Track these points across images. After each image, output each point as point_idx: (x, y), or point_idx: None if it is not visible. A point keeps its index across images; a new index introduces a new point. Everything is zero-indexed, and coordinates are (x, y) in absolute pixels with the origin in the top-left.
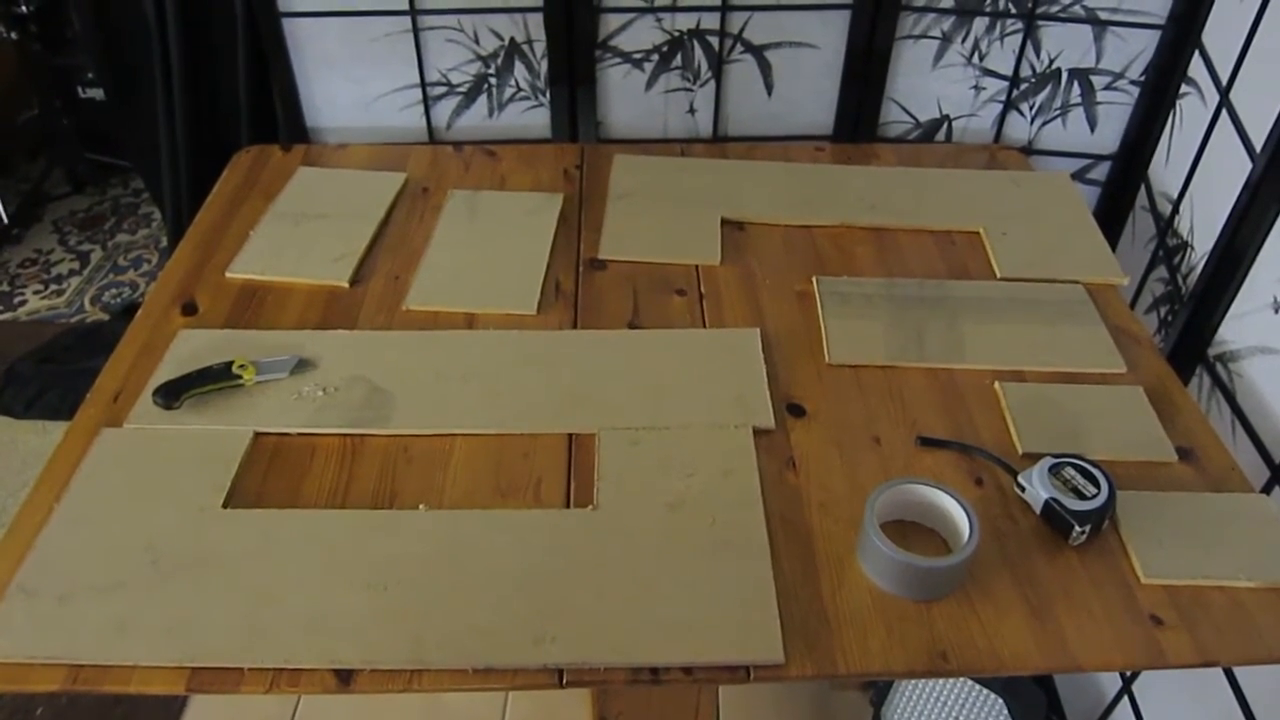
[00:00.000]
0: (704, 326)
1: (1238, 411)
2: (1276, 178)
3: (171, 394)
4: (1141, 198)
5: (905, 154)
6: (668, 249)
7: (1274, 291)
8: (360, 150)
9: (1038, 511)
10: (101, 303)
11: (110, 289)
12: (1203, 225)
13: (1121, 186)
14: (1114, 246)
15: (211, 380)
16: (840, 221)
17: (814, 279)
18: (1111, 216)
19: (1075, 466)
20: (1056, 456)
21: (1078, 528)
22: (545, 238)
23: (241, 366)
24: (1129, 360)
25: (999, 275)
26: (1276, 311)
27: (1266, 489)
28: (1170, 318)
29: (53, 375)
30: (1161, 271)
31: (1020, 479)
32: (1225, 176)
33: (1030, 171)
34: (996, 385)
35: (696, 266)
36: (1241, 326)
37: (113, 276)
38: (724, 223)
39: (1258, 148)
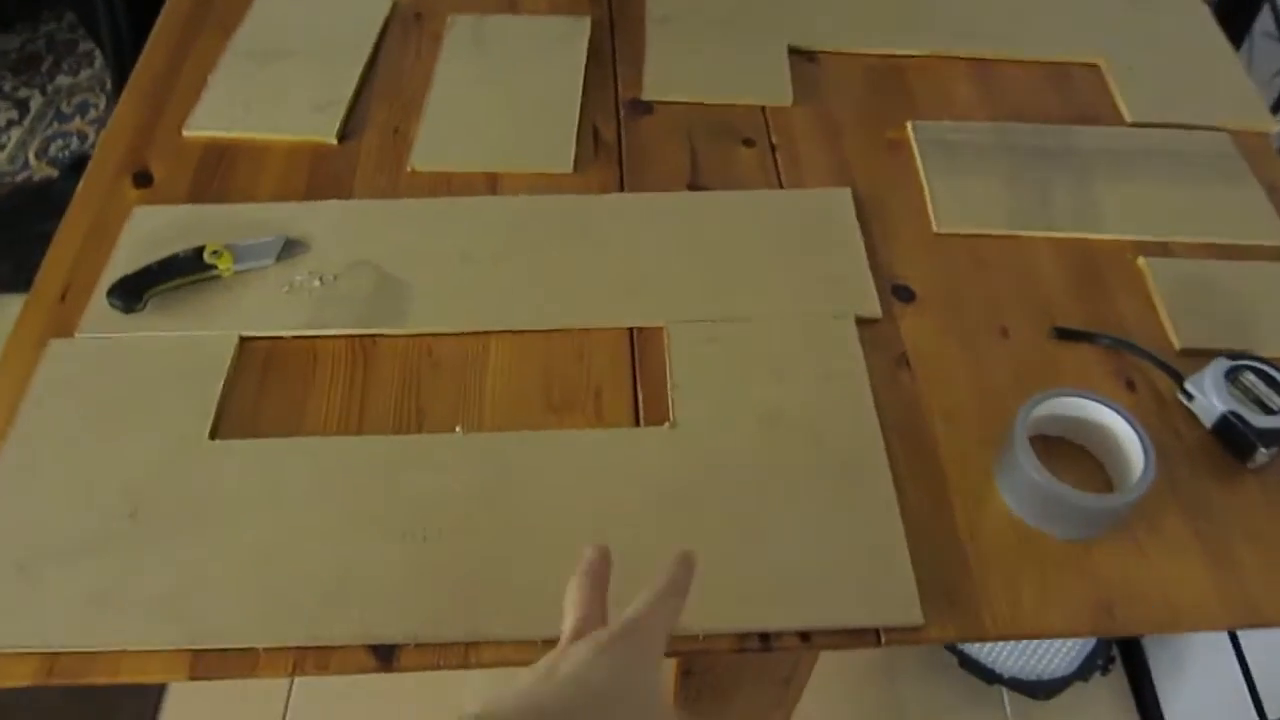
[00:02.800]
0: (780, 186)
1: None
2: None
3: (131, 293)
4: (1265, 21)
5: None
6: (727, 86)
7: None
8: None
9: (1209, 426)
10: (47, 157)
11: (56, 140)
12: None
13: (1236, 3)
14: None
15: (179, 272)
16: (931, 50)
17: (908, 124)
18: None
19: (1256, 371)
20: (1233, 357)
21: (1263, 449)
22: (574, 74)
23: (215, 253)
24: None
25: (1128, 120)
26: None
27: None
28: None
29: (2, 244)
30: None
31: (1188, 385)
32: None
33: None
34: (1141, 261)
35: (764, 108)
36: None
37: (57, 126)
38: (791, 52)
39: None
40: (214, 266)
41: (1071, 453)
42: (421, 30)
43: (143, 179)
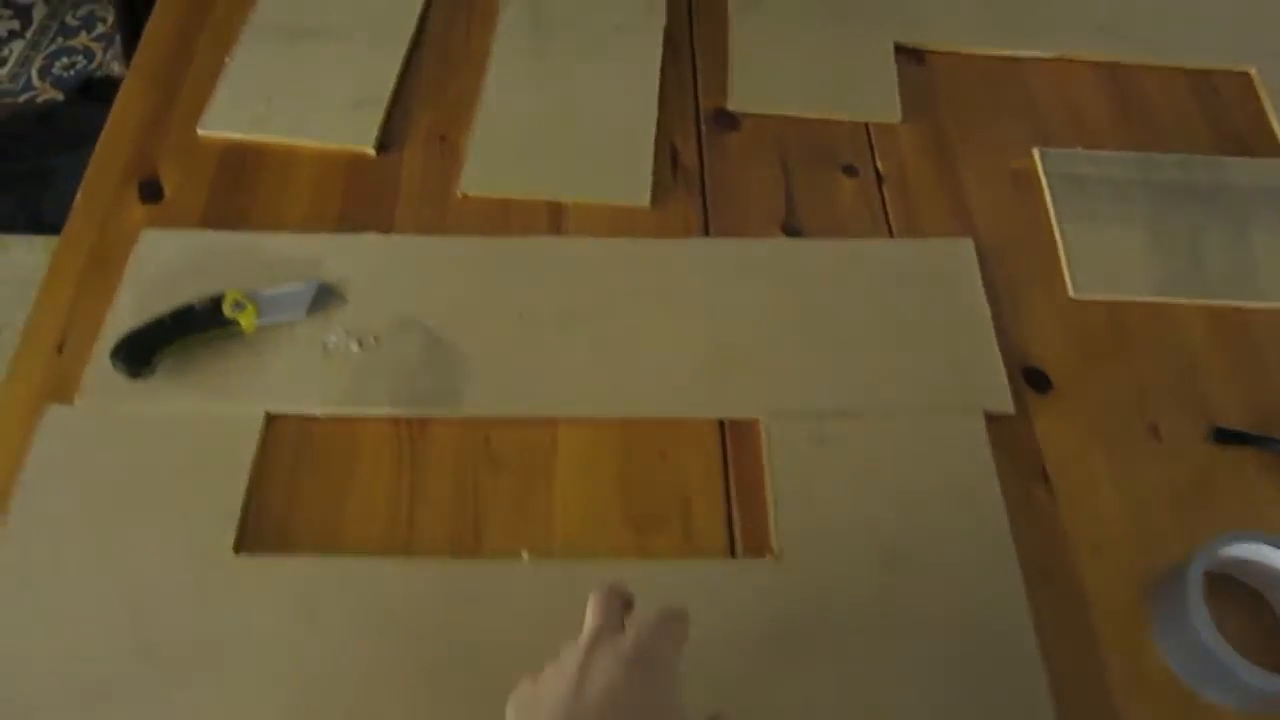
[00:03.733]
0: (888, 229)
1: None
2: None
3: (139, 355)
4: None
5: None
6: (826, 96)
7: None
8: None
9: None
10: (52, 76)
11: (61, 57)
12: None
13: None
14: None
15: (195, 328)
16: (1059, 52)
17: (1035, 151)
18: None
19: None
20: None
21: None
22: (649, 74)
23: (237, 305)
24: None
25: None
26: None
27: None
28: None
29: (4, 176)
30: None
31: None
32: None
33: None
34: None
35: (867, 126)
36: None
37: (62, 41)
38: (898, 50)
39: None
40: (235, 322)
41: (1241, 594)
42: (472, 6)
43: (151, 191)
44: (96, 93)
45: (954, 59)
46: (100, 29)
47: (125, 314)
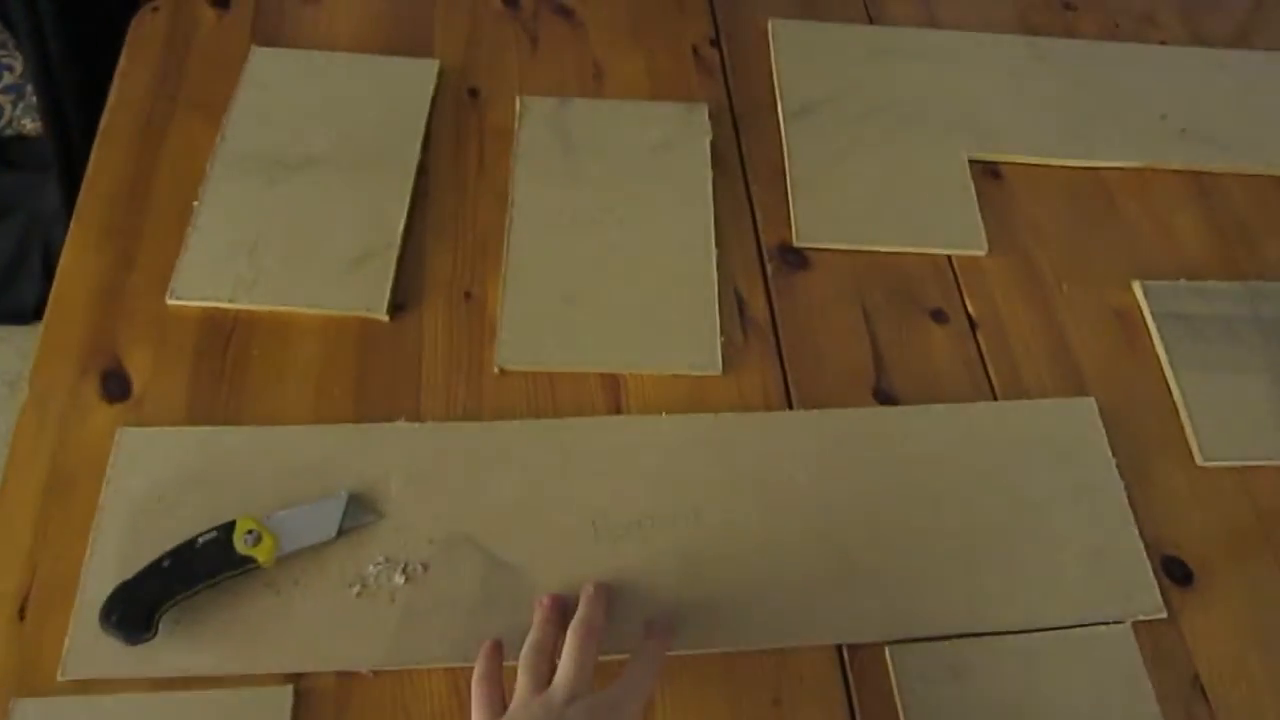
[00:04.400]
0: (991, 388)
1: None
2: None
3: (136, 615)
4: None
5: (1189, 23)
6: (901, 224)
7: None
8: (346, 6)
9: None
10: None
11: None
12: None
13: None
14: None
15: (203, 572)
16: (1142, 161)
17: (1135, 285)
18: None
19: None
20: None
21: None
22: (701, 200)
23: (251, 536)
24: None
25: None
26: None
27: None
28: None
29: None
30: None
31: None
32: None
33: None
34: None
35: (950, 259)
36: None
37: None
38: (972, 165)
39: None
40: (252, 559)
41: None
42: (482, 120)
43: (116, 386)
44: (6, 155)
45: (1032, 173)
46: (7, 78)
47: (109, 554)
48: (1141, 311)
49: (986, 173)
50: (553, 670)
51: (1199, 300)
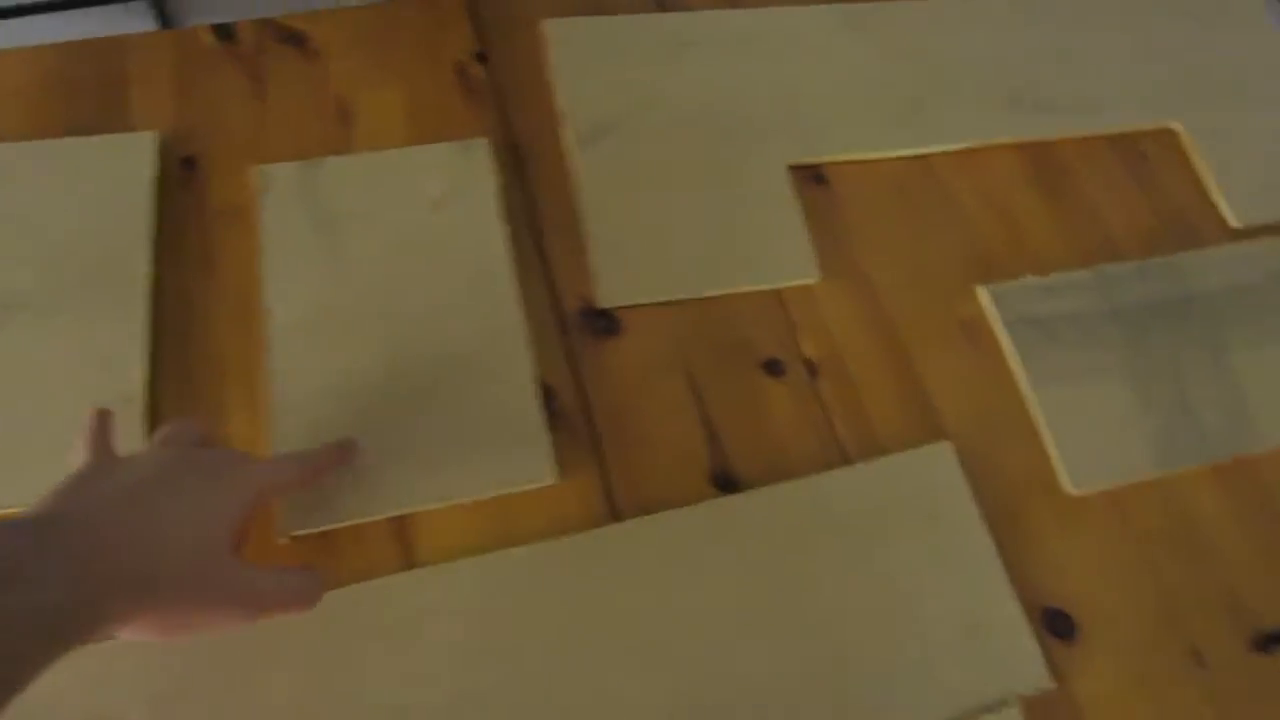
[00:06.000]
0: (840, 447)
1: None
2: None
3: None
4: None
5: None
6: (723, 263)
7: None
8: (17, 60)
9: None
10: None
11: None
12: None
13: None
14: None
15: None
16: (972, 140)
17: (982, 293)
18: None
19: None
20: None
21: None
22: (498, 268)
23: None
24: None
25: (1232, 223)
26: None
27: None
28: None
29: None
30: None
31: None
32: None
33: None
34: None
35: (779, 294)
36: None
37: None
38: (793, 172)
39: None
40: None
41: None
42: (204, 198)
43: None
44: None
45: (858, 169)
46: None
47: None
48: (990, 321)
49: (810, 179)
50: None
51: (1049, 299)
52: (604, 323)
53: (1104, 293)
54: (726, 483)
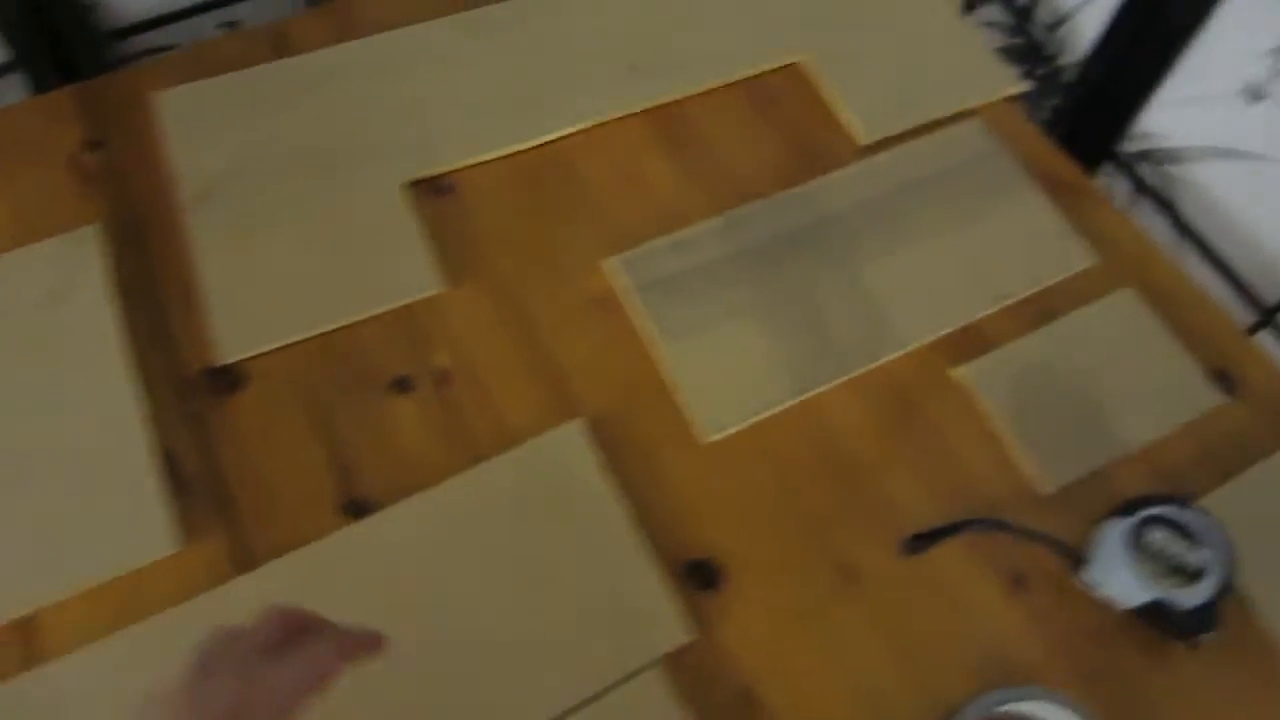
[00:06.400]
0: (475, 449)
1: (1184, 229)
2: None
3: None
4: None
5: None
6: (343, 292)
7: (1244, 71)
8: None
9: (1130, 606)
10: None
11: None
12: None
13: None
14: None
15: None
16: (595, 117)
17: (606, 263)
18: None
19: (1161, 522)
20: (1125, 511)
21: (1204, 634)
22: (109, 351)
23: None
24: (1088, 231)
25: (862, 140)
26: (1254, 99)
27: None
28: (1040, 83)
29: None
30: (990, 13)
31: (1088, 576)
32: None
33: None
34: (956, 373)
35: (408, 310)
36: (1179, 119)
37: None
38: (415, 187)
39: None
40: None
41: None
42: None
43: None
44: None
45: (485, 173)
46: None
47: None
48: (619, 291)
49: (432, 191)
50: None
51: (679, 255)
52: (227, 380)
53: (734, 236)
54: (360, 509)
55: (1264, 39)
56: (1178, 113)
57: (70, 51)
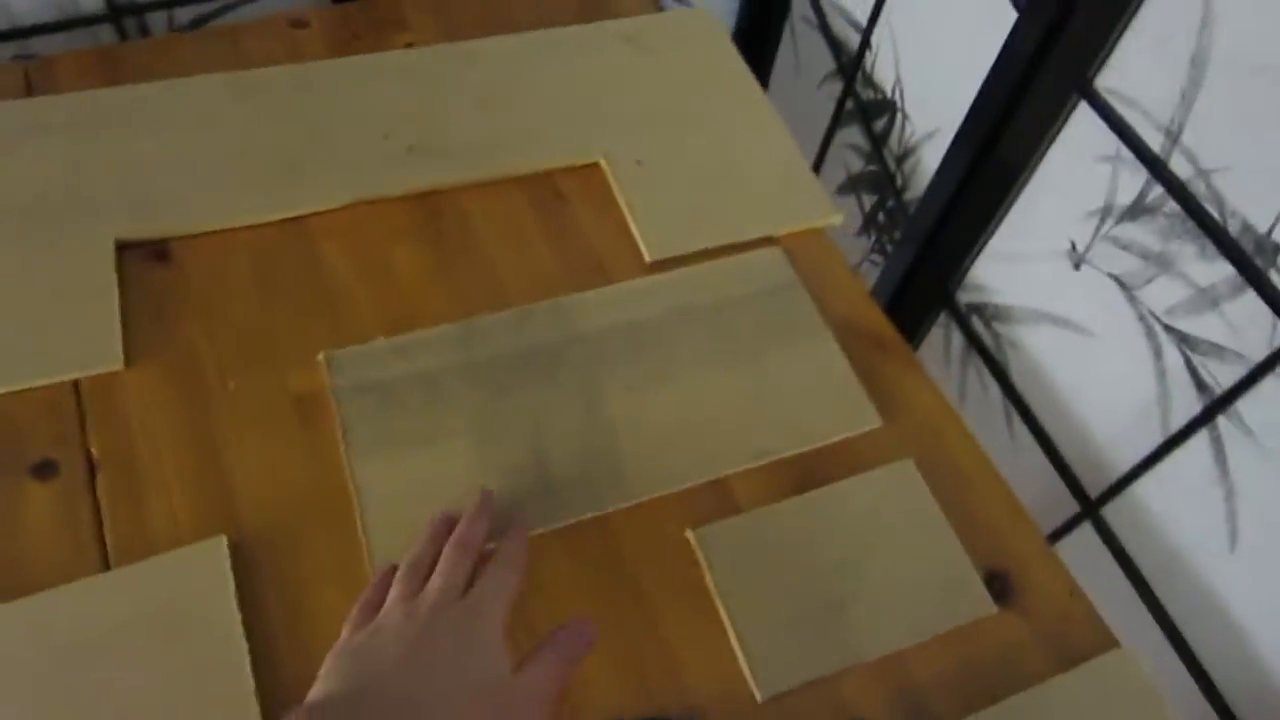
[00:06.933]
0: (104, 552)
1: (1013, 397)
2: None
3: None
4: (801, 4)
5: (449, 18)
6: (8, 357)
7: (1068, 231)
8: None
9: None
10: None
11: None
12: (919, 84)
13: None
14: (765, 82)
15: None
16: (356, 195)
17: (321, 356)
18: (754, 32)
19: None
20: None
21: None
22: None
23: None
24: (881, 389)
25: (647, 258)
26: (1076, 266)
27: (1071, 525)
28: (882, 217)
29: None
30: (854, 135)
31: None
32: (960, 9)
33: (657, 15)
34: (687, 536)
35: (76, 384)
36: (1009, 275)
37: None
38: (125, 249)
39: None
40: None
41: None
42: None
43: None
44: None
45: (214, 242)
46: None
47: None
48: (328, 391)
49: (150, 256)
50: (426, 583)
51: (400, 360)
52: None
53: (470, 347)
54: None
55: (1090, 197)
56: (1008, 268)
57: None
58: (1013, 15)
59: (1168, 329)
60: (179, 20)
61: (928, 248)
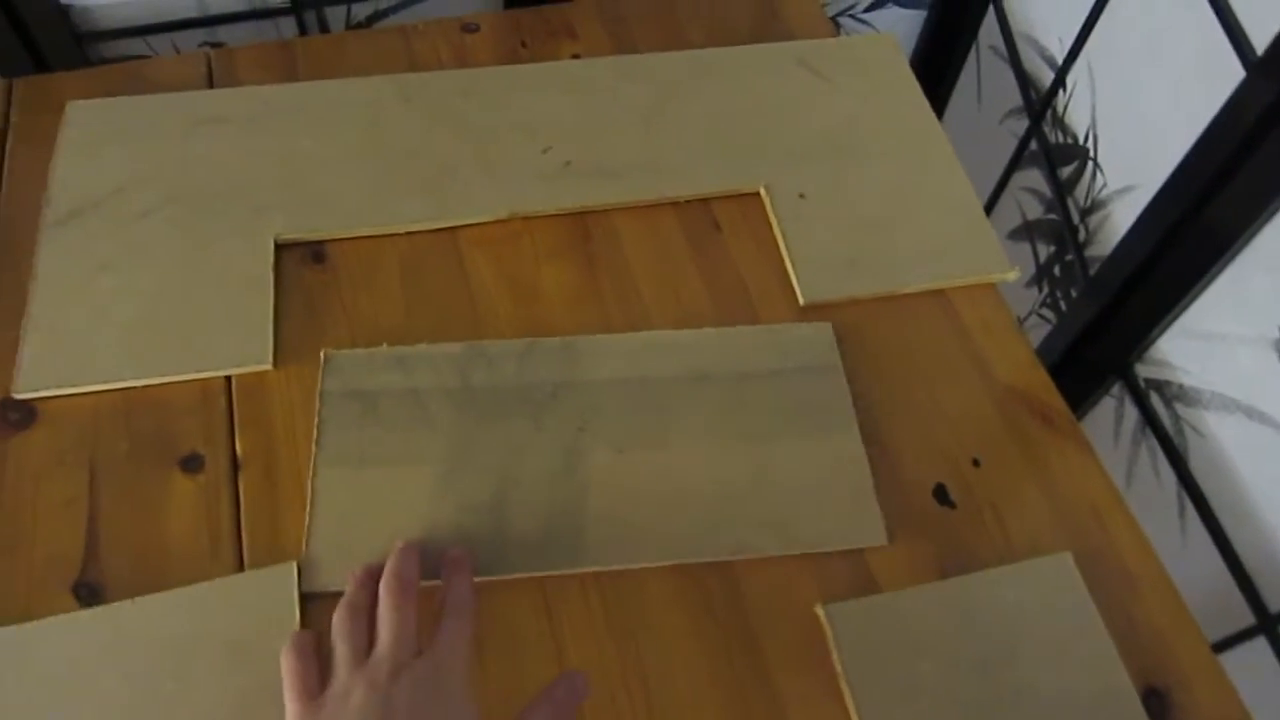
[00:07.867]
0: (239, 555)
1: (1190, 489)
2: None
3: None
4: (990, 32)
5: (619, 30)
6: (159, 350)
7: (1277, 318)
8: None
9: None
10: None
11: None
12: (1118, 132)
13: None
14: (941, 112)
15: None
16: (504, 211)
17: (321, 355)
18: (936, 58)
19: None
20: None
21: None
22: None
23: None
24: (1040, 467)
25: (801, 301)
26: None
27: (1243, 637)
28: (1058, 270)
29: None
30: (1033, 178)
31: None
32: (1172, 57)
33: (836, 39)
34: (820, 610)
35: (229, 380)
36: (1202, 354)
37: None
38: (284, 250)
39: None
40: None
41: None
42: None
43: None
44: None
45: (367, 246)
46: None
47: None
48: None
49: (309, 256)
50: (371, 632)
51: (393, 371)
52: (19, 415)
53: (469, 371)
54: (91, 594)
55: None
56: (1202, 346)
57: (41, 50)
58: (1240, 72)
59: None
60: (356, 15)
61: (1110, 312)
